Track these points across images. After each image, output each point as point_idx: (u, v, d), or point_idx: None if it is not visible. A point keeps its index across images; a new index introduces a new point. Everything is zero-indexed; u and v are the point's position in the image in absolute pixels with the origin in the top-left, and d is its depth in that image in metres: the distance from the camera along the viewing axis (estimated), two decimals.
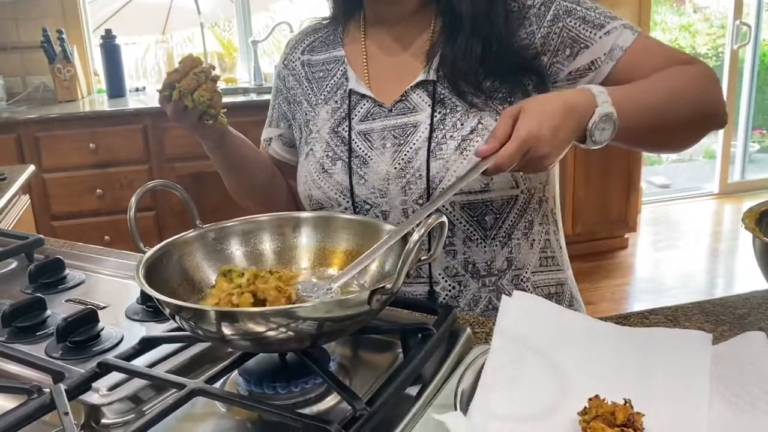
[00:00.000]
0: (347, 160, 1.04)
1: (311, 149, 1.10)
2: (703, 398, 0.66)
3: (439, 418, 0.61)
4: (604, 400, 0.64)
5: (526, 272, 1.06)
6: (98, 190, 3.07)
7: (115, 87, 3.47)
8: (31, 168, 2.20)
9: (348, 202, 1.04)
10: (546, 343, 0.75)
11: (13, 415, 0.67)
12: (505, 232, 1.03)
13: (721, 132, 4.76)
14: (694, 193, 4.84)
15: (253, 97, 3.41)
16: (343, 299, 0.69)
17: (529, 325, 0.77)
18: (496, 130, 0.82)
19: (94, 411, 0.73)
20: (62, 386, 0.70)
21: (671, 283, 3.51)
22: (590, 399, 0.65)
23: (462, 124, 0.99)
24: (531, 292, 1.05)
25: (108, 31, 3.45)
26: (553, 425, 0.65)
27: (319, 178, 1.06)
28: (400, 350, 0.81)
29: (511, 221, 1.03)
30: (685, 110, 0.95)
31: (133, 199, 0.81)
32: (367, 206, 1.03)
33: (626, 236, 3.81)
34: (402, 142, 1.02)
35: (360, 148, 1.04)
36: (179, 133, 3.08)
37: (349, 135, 1.05)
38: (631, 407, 0.63)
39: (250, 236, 0.89)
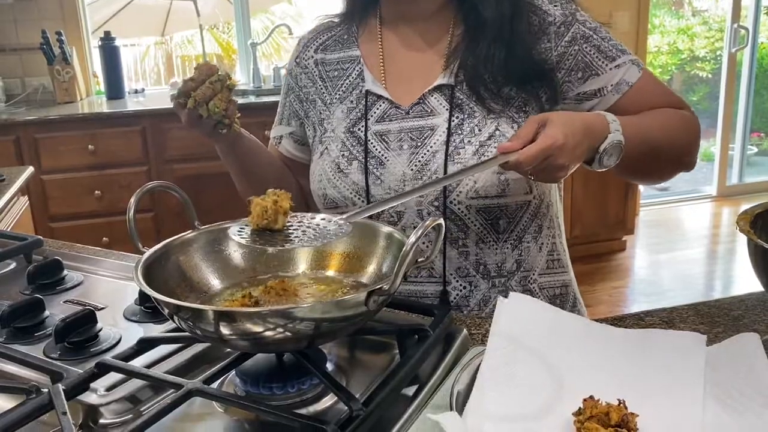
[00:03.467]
0: (363, 160, 1.05)
1: (326, 148, 1.10)
2: (697, 399, 0.67)
3: (434, 419, 0.62)
4: (598, 400, 0.65)
5: (534, 274, 1.07)
6: (97, 192, 3.07)
7: (114, 88, 3.47)
8: (30, 169, 2.20)
9: (363, 202, 1.04)
10: (541, 345, 0.76)
11: (12, 414, 0.67)
12: (516, 235, 1.04)
13: (719, 135, 4.78)
14: (692, 195, 4.85)
15: (252, 99, 3.41)
16: (341, 300, 0.69)
17: (525, 327, 0.78)
18: (521, 131, 0.87)
19: (92, 411, 0.73)
20: (60, 386, 0.71)
21: (669, 285, 3.52)
22: (585, 399, 0.65)
23: (480, 130, 1.00)
24: (537, 294, 1.07)
25: (107, 33, 3.46)
26: (548, 426, 0.65)
27: (335, 178, 1.07)
28: (397, 351, 0.81)
29: (523, 225, 1.05)
30: (674, 151, 1.04)
31: (133, 200, 0.82)
32: None
33: (624, 239, 3.82)
34: (419, 144, 1.03)
35: (376, 149, 1.05)
36: (178, 134, 3.09)
37: (365, 135, 1.06)
38: (625, 408, 0.64)
39: None
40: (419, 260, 0.78)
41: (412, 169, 1.02)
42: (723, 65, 4.72)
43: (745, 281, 3.39)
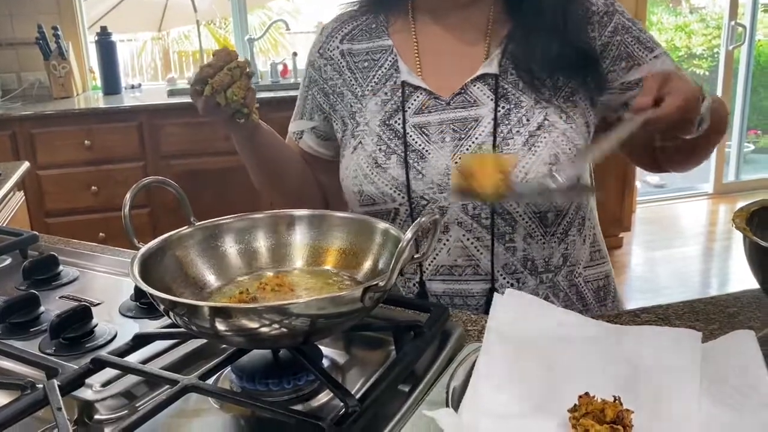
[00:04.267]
0: (403, 154, 1.02)
1: (360, 143, 1.06)
2: (693, 396, 0.67)
3: (430, 415, 0.62)
4: (594, 397, 0.65)
5: (579, 268, 1.07)
6: (93, 187, 3.06)
7: (111, 84, 3.46)
8: (26, 165, 2.20)
9: (404, 197, 1.02)
10: (537, 341, 0.76)
11: (7, 410, 0.67)
12: (563, 228, 1.04)
13: None
14: (689, 193, 4.85)
15: None
16: (336, 296, 0.69)
17: (521, 323, 0.78)
18: (648, 86, 0.85)
19: (88, 407, 0.73)
20: (56, 382, 0.71)
21: (665, 282, 3.52)
22: (580, 396, 0.65)
23: (528, 120, 0.99)
24: (583, 288, 1.08)
25: (103, 28, 3.44)
26: (544, 422, 0.65)
27: (372, 173, 1.03)
28: (393, 347, 0.81)
29: (570, 218, 1.04)
30: (722, 127, 1.04)
31: (128, 195, 0.81)
32: (424, 202, 1.01)
33: (621, 236, 3.82)
34: (463, 136, 1.00)
35: (416, 142, 1.02)
36: (175, 130, 3.08)
37: (404, 128, 1.03)
38: (621, 404, 0.64)
39: (244, 233, 0.90)
40: (415, 256, 0.78)
41: (456, 162, 1.00)
42: (720, 63, 4.72)
43: (741, 278, 3.39)
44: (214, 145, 3.04)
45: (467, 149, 1.00)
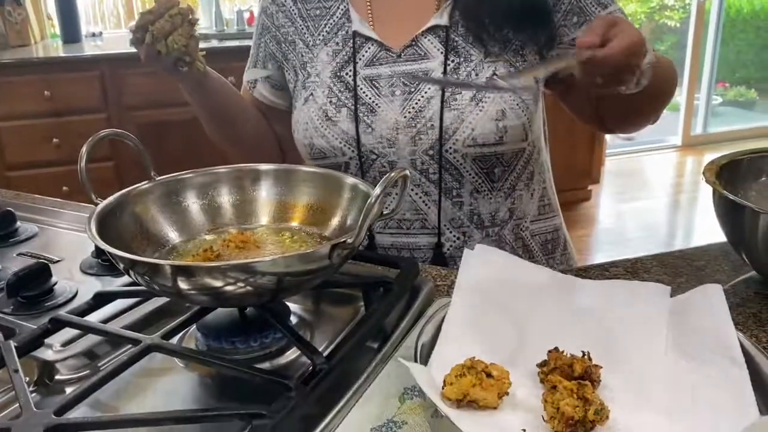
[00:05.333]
0: (353, 107, 1.00)
1: (311, 94, 1.04)
2: (660, 350, 0.67)
3: (406, 364, 0.61)
4: (563, 352, 0.65)
5: (526, 221, 1.08)
6: (55, 140, 2.97)
7: (70, 32, 3.32)
8: None
9: (353, 151, 1.01)
10: (506, 296, 0.75)
11: None
12: (510, 183, 1.04)
13: (684, 85, 4.80)
14: (658, 145, 4.90)
15: (215, 43, 3.30)
16: (304, 253, 0.67)
17: (490, 278, 0.77)
18: (595, 28, 0.79)
19: (48, 367, 0.71)
20: (12, 343, 0.69)
21: (633, 234, 3.58)
22: (549, 351, 0.65)
23: (476, 75, 0.97)
24: (530, 241, 1.08)
25: None
26: (512, 377, 0.65)
27: (322, 126, 1.02)
28: (362, 304, 0.80)
29: (517, 173, 1.04)
30: (666, 88, 1.02)
31: (84, 149, 0.78)
32: (374, 156, 1.00)
33: (589, 188, 3.85)
34: (412, 90, 0.99)
35: (366, 95, 1.00)
36: (138, 80, 2.99)
37: (354, 81, 1.01)
38: (590, 359, 0.64)
39: (207, 188, 0.87)
40: (384, 213, 0.76)
41: (405, 117, 0.98)
42: (692, 14, 4.71)
43: (707, 230, 3.46)
44: (179, 95, 2.94)
45: (416, 103, 0.98)
